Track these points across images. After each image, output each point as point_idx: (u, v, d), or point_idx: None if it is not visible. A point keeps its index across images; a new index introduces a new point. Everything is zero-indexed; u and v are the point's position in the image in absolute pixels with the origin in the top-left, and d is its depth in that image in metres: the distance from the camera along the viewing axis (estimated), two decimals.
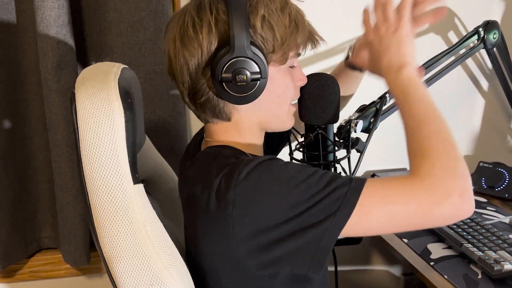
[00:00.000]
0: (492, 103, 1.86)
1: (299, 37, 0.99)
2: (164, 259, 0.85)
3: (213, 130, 1.05)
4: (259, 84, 0.95)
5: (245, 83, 0.94)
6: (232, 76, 0.93)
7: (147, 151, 1.22)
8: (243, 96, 0.96)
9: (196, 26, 0.95)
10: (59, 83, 1.41)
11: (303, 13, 1.03)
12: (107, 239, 0.86)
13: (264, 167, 0.89)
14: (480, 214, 1.53)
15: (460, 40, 1.50)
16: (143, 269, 0.84)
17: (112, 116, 0.85)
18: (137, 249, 0.85)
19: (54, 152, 1.47)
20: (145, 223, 0.86)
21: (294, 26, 0.98)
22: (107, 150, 0.85)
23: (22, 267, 1.66)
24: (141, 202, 0.88)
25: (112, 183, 0.86)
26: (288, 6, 0.99)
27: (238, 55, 0.93)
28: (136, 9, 1.47)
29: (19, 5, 1.47)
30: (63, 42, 1.39)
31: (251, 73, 0.94)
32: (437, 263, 1.27)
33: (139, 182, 0.89)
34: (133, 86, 0.98)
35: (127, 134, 0.87)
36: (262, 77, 0.94)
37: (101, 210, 0.86)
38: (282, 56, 0.98)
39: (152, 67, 1.52)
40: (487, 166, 1.75)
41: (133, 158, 0.89)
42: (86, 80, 0.91)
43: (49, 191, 1.62)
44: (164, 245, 0.87)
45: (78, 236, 1.54)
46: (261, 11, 0.94)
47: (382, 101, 1.26)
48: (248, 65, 0.93)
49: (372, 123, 1.24)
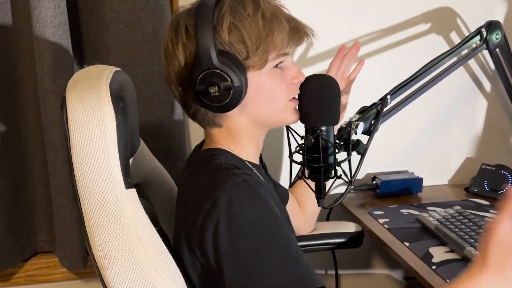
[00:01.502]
0: (494, 105, 1.85)
1: (278, 38, 1.01)
2: (157, 264, 0.85)
3: (209, 134, 1.10)
4: (233, 92, 0.98)
5: (218, 94, 0.98)
6: (205, 89, 0.98)
7: (142, 155, 1.21)
8: (222, 105, 1.00)
9: (173, 43, 1.01)
10: (55, 84, 1.40)
11: (283, 11, 1.04)
12: (99, 244, 0.85)
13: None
14: (482, 217, 1.52)
15: (462, 41, 1.48)
16: (135, 274, 0.84)
17: (103, 120, 0.85)
18: (129, 255, 0.84)
19: (50, 155, 1.46)
20: (137, 228, 0.86)
21: (269, 29, 0.99)
22: (98, 155, 0.85)
23: (18, 271, 1.65)
24: (133, 207, 0.87)
25: (104, 188, 0.85)
26: (260, 9, 0.99)
27: (207, 68, 0.97)
28: (133, 9, 1.46)
29: (15, 5, 1.46)
30: (60, 43, 1.38)
31: (223, 83, 0.97)
32: (439, 267, 1.25)
33: (131, 186, 0.88)
34: (126, 89, 0.97)
35: (119, 138, 0.86)
36: (234, 85, 0.97)
37: (93, 215, 0.86)
38: (260, 60, 1.00)
39: (150, 68, 1.50)
40: (490, 168, 1.74)
41: (125, 162, 0.88)
42: (77, 84, 0.91)
43: (45, 194, 1.60)
44: (157, 250, 0.87)
45: (75, 239, 1.52)
46: (228, 19, 0.97)
47: (383, 102, 1.25)
48: (218, 76, 0.97)
49: (373, 125, 1.23)
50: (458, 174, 1.89)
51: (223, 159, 1.03)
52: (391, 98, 1.28)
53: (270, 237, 0.90)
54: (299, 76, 1.08)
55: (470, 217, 1.42)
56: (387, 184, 1.70)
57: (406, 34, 1.71)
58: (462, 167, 1.88)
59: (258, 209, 0.92)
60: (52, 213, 1.55)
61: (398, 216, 1.55)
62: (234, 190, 0.92)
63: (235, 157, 1.07)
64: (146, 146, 1.27)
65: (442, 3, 1.71)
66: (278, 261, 0.87)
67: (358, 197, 1.71)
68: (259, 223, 0.91)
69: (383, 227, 1.48)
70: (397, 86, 1.32)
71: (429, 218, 1.43)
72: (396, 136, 1.79)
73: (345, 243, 1.50)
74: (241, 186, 0.93)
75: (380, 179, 1.70)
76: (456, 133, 1.85)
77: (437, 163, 1.86)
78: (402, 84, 1.33)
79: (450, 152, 1.87)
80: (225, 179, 0.94)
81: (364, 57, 1.68)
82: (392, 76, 1.46)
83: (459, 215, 1.44)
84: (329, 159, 1.12)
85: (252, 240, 0.89)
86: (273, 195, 1.02)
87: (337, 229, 1.52)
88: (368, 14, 1.67)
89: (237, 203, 0.90)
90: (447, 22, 1.73)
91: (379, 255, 1.87)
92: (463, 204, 1.61)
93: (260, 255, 0.88)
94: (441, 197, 1.74)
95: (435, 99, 1.76)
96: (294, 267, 0.88)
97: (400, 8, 1.69)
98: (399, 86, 1.33)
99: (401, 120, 1.52)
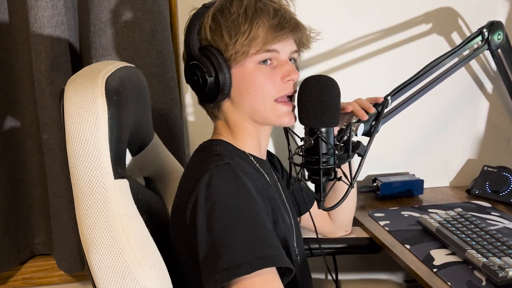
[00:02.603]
0: (496, 106, 1.84)
1: (258, 33, 1.05)
2: (137, 253, 0.89)
3: (215, 126, 1.19)
4: (210, 82, 1.07)
5: (199, 84, 1.08)
6: (190, 79, 1.11)
7: (155, 149, 1.28)
8: (204, 95, 1.10)
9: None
10: (52, 85, 1.40)
11: (271, 10, 1.06)
12: (85, 229, 0.90)
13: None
14: (484, 219, 1.52)
15: (464, 41, 1.47)
16: (116, 261, 0.88)
17: (95, 113, 0.90)
18: (111, 242, 0.89)
19: (48, 156, 1.46)
20: (122, 217, 0.90)
21: (248, 24, 1.04)
22: (89, 145, 0.90)
23: (15, 273, 1.64)
24: (121, 197, 0.92)
25: (93, 177, 0.90)
26: (243, 7, 1.05)
27: (190, 60, 1.09)
28: (131, 9, 1.45)
29: (12, 5, 1.46)
30: (57, 43, 1.38)
31: (200, 74, 1.07)
32: (440, 270, 1.25)
33: (122, 177, 0.93)
34: (128, 84, 1.01)
35: (111, 130, 0.91)
36: (209, 75, 1.06)
37: (82, 201, 0.91)
38: (238, 53, 1.05)
39: (148, 69, 1.50)
40: (492, 170, 1.74)
41: (117, 153, 0.93)
42: (76, 77, 0.96)
43: (43, 196, 1.60)
44: (139, 239, 0.91)
45: (72, 242, 1.52)
46: (210, 17, 1.07)
47: (384, 104, 1.24)
48: (198, 67, 1.08)
49: (373, 127, 1.22)
50: (459, 176, 1.88)
51: (220, 148, 1.09)
52: (392, 99, 1.27)
53: (241, 216, 0.96)
54: (290, 74, 1.09)
55: (471, 220, 1.42)
56: (388, 186, 1.69)
57: (407, 34, 1.71)
58: (463, 168, 1.88)
59: (235, 189, 0.98)
60: (50, 215, 1.55)
61: (399, 218, 1.54)
62: (215, 170, 0.99)
63: (234, 148, 1.13)
64: (160, 141, 1.31)
65: (443, 3, 1.70)
66: (245, 239, 0.93)
67: (359, 199, 1.69)
68: (232, 202, 0.97)
69: (384, 229, 1.47)
70: (397, 87, 1.31)
71: (430, 220, 1.43)
72: (397, 137, 1.78)
73: (364, 248, 1.50)
74: (223, 168, 1.00)
75: (380, 181, 1.69)
76: (457, 134, 1.84)
77: (439, 164, 1.85)
78: (402, 85, 1.32)
79: (452, 153, 1.86)
80: (211, 161, 1.01)
81: (365, 58, 1.69)
82: (393, 77, 1.45)
83: (460, 217, 1.44)
84: (329, 161, 1.11)
85: (224, 218, 0.94)
86: (256, 182, 1.05)
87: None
88: (369, 15, 1.66)
89: (216, 183, 0.97)
90: (449, 23, 1.72)
91: (379, 258, 1.85)
92: (465, 206, 1.61)
93: (228, 231, 0.93)
94: (443, 199, 1.73)
95: (436, 100, 1.76)
96: (260, 246, 0.93)
97: (401, 8, 1.68)
98: (399, 87, 1.31)
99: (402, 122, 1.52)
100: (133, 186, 0.96)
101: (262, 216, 0.98)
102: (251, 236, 0.94)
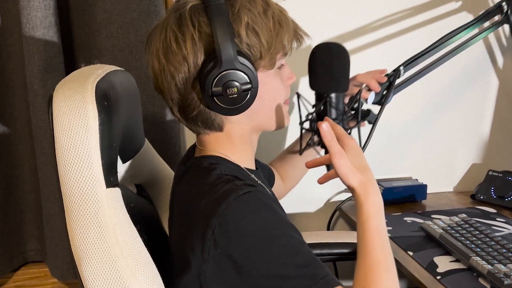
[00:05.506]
0: (501, 110, 1.83)
1: (285, 38, 1.01)
2: (131, 264, 0.87)
3: (204, 140, 1.07)
4: (250, 93, 0.96)
5: (236, 95, 0.95)
6: (222, 90, 0.94)
7: (146, 155, 1.24)
8: (236, 108, 0.97)
9: (179, 41, 0.95)
10: (45, 87, 1.39)
11: (286, 11, 1.04)
12: (77, 240, 0.88)
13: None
14: (489, 225, 1.51)
15: (481, 15, 1.42)
16: (109, 273, 0.86)
17: (86, 119, 0.87)
18: (104, 253, 0.86)
19: (40, 161, 1.46)
20: (115, 227, 0.88)
21: (278, 28, 0.99)
22: (79, 153, 0.87)
23: (7, 281, 1.64)
24: (113, 206, 0.89)
25: (84, 186, 0.88)
26: (270, 8, 0.99)
27: (227, 68, 0.93)
28: (127, 9, 1.45)
29: (4, 5, 1.46)
30: (50, 45, 1.38)
31: (241, 84, 0.95)
32: (444, 277, 1.24)
33: (114, 185, 0.90)
34: (118, 88, 0.98)
35: (102, 137, 0.88)
36: (253, 86, 0.96)
37: (73, 211, 0.88)
38: (270, 61, 1.00)
39: (144, 70, 1.49)
40: (497, 175, 1.73)
41: (108, 161, 0.90)
42: (65, 82, 0.93)
43: (35, 202, 1.59)
44: (133, 250, 0.88)
45: (66, 249, 1.51)
46: (245, 18, 0.95)
47: (396, 74, 1.27)
48: (238, 77, 0.94)
49: (384, 96, 1.25)
50: (463, 181, 1.87)
51: (223, 169, 1.00)
52: (405, 70, 1.28)
53: (284, 243, 0.89)
54: (293, 76, 1.10)
55: (476, 226, 1.41)
56: (390, 191, 1.68)
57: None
58: (468, 173, 1.87)
59: (266, 217, 0.91)
60: (43, 221, 1.55)
61: (402, 224, 1.53)
62: (239, 204, 0.90)
63: (233, 165, 1.05)
64: (151, 147, 1.28)
65: None
66: (298, 266, 0.87)
67: None
68: (269, 231, 0.90)
69: None
70: (411, 58, 1.32)
71: (433, 227, 1.42)
72: (399, 141, 1.78)
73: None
74: (245, 199, 0.91)
75: (382, 186, 1.68)
76: (461, 138, 1.84)
77: (442, 169, 1.84)
78: (416, 56, 1.33)
79: (456, 158, 1.85)
80: (229, 192, 0.91)
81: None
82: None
83: (464, 223, 1.43)
84: None
85: (267, 250, 0.88)
86: (276, 201, 1.01)
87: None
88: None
89: (245, 216, 0.89)
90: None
91: None
92: (469, 212, 1.60)
93: (278, 262, 0.87)
94: (446, 204, 1.72)
95: (440, 103, 1.75)
96: (314, 269, 0.88)
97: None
98: (413, 58, 1.32)
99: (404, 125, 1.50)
100: (125, 195, 0.94)
101: (299, 237, 0.93)
102: (304, 261, 0.89)
